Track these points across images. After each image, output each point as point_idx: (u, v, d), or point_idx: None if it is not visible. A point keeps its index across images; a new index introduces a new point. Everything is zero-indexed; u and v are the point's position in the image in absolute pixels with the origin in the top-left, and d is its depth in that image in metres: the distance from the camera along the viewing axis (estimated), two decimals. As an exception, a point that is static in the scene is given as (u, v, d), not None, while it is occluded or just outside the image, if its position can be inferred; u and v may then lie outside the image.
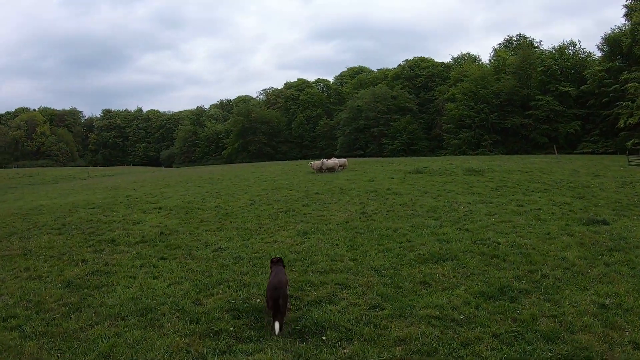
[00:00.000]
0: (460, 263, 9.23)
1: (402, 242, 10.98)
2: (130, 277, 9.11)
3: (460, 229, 12.06)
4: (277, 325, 6.14)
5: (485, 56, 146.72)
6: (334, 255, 9.90)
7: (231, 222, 14.13)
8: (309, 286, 8.04)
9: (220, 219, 14.73)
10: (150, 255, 10.57)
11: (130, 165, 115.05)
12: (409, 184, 22.05)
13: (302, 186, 22.47)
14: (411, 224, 12.93)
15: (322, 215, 14.62)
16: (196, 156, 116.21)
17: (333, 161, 32.26)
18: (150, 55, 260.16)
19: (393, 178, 24.78)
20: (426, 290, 7.88)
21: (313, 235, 11.88)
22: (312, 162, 33.05)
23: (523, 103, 73.63)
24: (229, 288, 8.05)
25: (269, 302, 6.26)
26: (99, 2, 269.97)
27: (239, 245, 11.18)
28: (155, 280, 8.76)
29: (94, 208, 19.09)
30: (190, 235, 12.57)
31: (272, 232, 12.52)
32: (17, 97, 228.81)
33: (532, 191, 18.56)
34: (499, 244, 10.40)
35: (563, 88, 69.75)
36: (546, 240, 10.70)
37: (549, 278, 8.15)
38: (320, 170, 30.97)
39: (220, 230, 13.07)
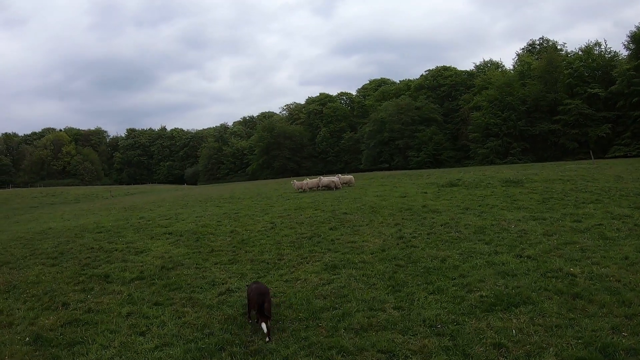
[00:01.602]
0: (537, 309, 7.11)
1: (454, 278, 8.86)
2: (111, 332, 7.17)
3: (521, 256, 10.01)
4: (264, 326, 6.52)
5: (508, 62, 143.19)
6: (372, 302, 7.74)
7: (246, 251, 12.08)
8: (342, 356, 5.86)
9: (234, 247, 12.71)
10: (142, 299, 8.62)
11: (155, 183, 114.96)
12: (446, 199, 19.88)
13: (329, 205, 20.37)
14: (460, 251, 10.86)
15: (353, 242, 12.46)
16: (220, 173, 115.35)
17: (329, 178, 29.36)
18: (176, 75, 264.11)
19: (426, 193, 22.58)
20: (505, 358, 5.64)
21: (343, 270, 9.74)
22: (294, 181, 30.73)
23: (550, 108, 70.32)
24: (232, 358, 5.93)
25: (254, 305, 6.74)
26: (126, 25, 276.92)
27: (253, 286, 9.10)
28: (140, 338, 6.80)
29: (100, 232, 17.44)
30: (197, 269, 10.57)
31: (293, 266, 10.42)
32: (45, 117, 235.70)
33: (583, 202, 16.39)
34: (575, 276, 8.40)
35: (591, 90, 66.15)
36: (627, 267, 8.73)
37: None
38: (317, 188, 28.45)
39: (233, 262, 11.03)
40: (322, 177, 30.48)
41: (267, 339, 6.45)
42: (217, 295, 8.55)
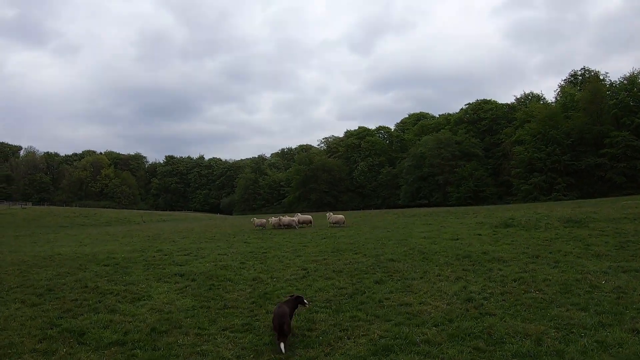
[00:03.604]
0: None
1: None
2: None
3: (637, 331, 7.43)
4: (282, 345, 7.16)
5: (548, 95, 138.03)
6: None
7: (268, 311, 9.24)
8: None
9: (253, 303, 9.91)
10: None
11: (190, 211, 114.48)
12: (506, 243, 16.84)
13: (370, 247, 17.42)
14: (553, 323, 8.05)
15: (407, 304, 9.47)
16: (257, 204, 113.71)
17: (289, 218, 29.81)
18: (218, 107, 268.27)
19: (481, 235, 19.51)
20: None
21: (400, 357, 6.75)
22: (255, 219, 31.13)
23: (596, 141, 66.35)
24: None
25: (276, 327, 7.29)
26: (172, 57, 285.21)
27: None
28: None
29: (107, 265, 15.15)
30: (196, 337, 7.83)
31: (329, 343, 7.51)
32: (89, 141, 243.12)
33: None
34: None
35: (639, 120, 62.39)
36: None
37: None
38: (279, 226, 28.77)
39: (248, 330, 8.22)
40: (281, 216, 31.00)
41: (283, 351, 7.09)
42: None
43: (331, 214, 31.46)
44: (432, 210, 49.37)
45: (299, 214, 33.22)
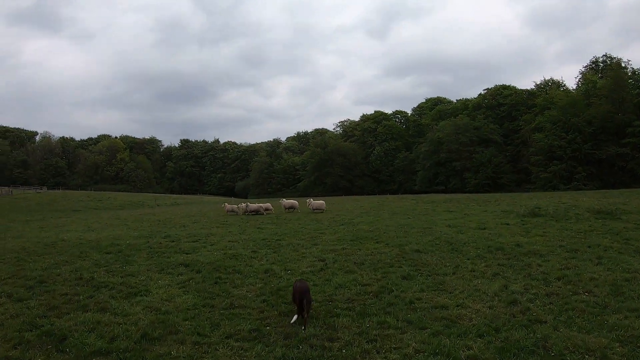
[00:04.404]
0: None
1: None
2: None
3: None
4: (295, 317, 7.38)
5: (569, 83, 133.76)
6: None
7: (280, 313, 7.93)
8: None
9: (264, 301, 8.62)
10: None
11: (205, 194, 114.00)
12: (538, 234, 15.44)
13: (392, 236, 16.03)
14: (615, 335, 6.89)
15: (442, 307, 8.12)
16: (272, 188, 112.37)
17: (257, 205, 30.31)
18: (234, 91, 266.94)
19: (509, 224, 18.06)
20: None
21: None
22: (226, 204, 31.15)
23: (618, 130, 63.74)
24: None
25: (297, 302, 7.42)
26: (188, 44, 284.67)
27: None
28: None
29: (109, 253, 14.03)
30: (194, 348, 6.52)
31: (355, 359, 6.15)
32: (105, 126, 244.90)
33: None
34: None
35: None
36: None
37: None
38: (244, 213, 28.87)
39: (256, 338, 6.90)
40: (248, 203, 31.84)
41: (303, 328, 7.06)
42: None
43: (311, 200, 30.97)
44: (451, 196, 47.62)
45: (284, 199, 32.93)
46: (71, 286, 10.08)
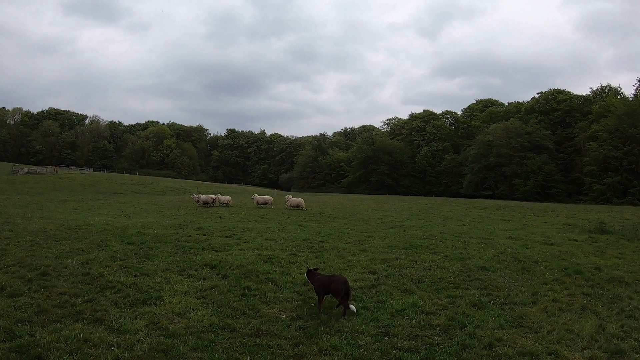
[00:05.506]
0: None
1: None
2: None
3: None
4: (352, 307, 7.17)
5: (626, 90, 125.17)
6: None
7: (321, 349, 5.92)
8: None
9: (300, 328, 6.62)
10: None
11: (248, 184, 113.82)
12: (614, 255, 13.04)
13: (450, 246, 13.77)
14: None
15: (530, 355, 6.06)
16: (315, 183, 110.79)
17: (227, 197, 30.29)
18: (283, 85, 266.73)
19: (577, 241, 15.66)
20: None
21: None
22: (201, 195, 29.92)
23: None
24: None
25: (342, 292, 7.12)
26: (239, 36, 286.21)
27: None
28: None
29: (131, 244, 12.54)
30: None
31: None
32: (154, 113, 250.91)
33: None
34: None
35: None
36: None
37: None
38: (206, 204, 28.20)
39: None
40: (219, 195, 31.16)
41: (343, 316, 7.02)
42: None
43: (290, 196, 29.03)
44: (502, 203, 44.55)
45: (256, 194, 31.03)
46: (74, 283, 8.52)
